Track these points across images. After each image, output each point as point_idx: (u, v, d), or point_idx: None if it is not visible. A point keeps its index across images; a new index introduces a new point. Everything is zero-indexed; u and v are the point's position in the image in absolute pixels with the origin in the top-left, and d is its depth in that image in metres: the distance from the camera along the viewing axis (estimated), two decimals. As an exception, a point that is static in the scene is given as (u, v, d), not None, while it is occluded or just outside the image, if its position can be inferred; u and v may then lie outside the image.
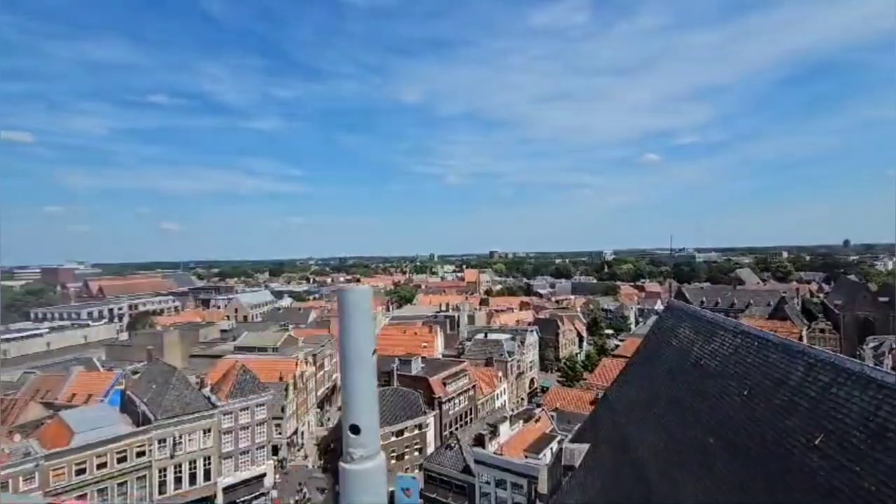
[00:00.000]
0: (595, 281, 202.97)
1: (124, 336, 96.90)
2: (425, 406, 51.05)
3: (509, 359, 68.41)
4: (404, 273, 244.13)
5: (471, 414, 57.54)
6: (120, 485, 40.63)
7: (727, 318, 14.81)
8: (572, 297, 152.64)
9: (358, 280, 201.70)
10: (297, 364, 61.46)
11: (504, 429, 42.45)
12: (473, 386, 58.66)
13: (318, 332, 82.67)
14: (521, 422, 45.89)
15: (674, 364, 15.23)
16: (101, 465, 39.68)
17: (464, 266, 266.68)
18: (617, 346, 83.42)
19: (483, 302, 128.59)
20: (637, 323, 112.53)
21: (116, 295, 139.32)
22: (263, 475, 49.43)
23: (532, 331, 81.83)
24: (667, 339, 17.13)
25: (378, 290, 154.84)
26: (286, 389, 56.82)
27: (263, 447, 49.96)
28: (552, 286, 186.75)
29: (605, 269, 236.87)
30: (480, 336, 74.63)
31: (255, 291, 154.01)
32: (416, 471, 47.59)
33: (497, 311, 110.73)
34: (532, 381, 78.65)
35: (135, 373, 57.81)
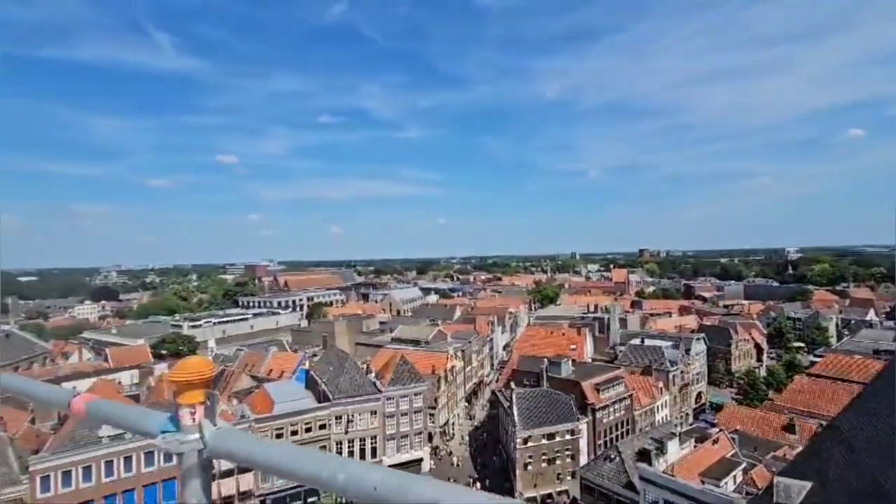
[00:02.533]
0: (776, 284, 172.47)
1: (304, 323, 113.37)
2: (577, 412, 48.68)
3: (671, 368, 61.54)
4: (545, 272, 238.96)
5: (627, 425, 53.23)
6: (307, 451, 47.21)
7: None
8: (745, 302, 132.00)
9: (499, 279, 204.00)
10: (447, 359, 64.20)
11: (672, 446, 38.13)
12: (630, 395, 54.17)
13: (463, 328, 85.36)
14: (692, 441, 40.69)
15: (962, 396, 11.40)
16: (293, 433, 46.58)
17: (610, 265, 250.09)
18: (813, 362, 68.94)
19: (634, 304, 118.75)
20: (840, 337, 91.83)
21: (297, 289, 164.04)
22: (420, 460, 52.65)
23: (699, 339, 72.47)
24: (940, 362, 13.01)
25: (520, 290, 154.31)
26: (438, 381, 59.72)
27: (420, 434, 53.20)
28: (718, 289, 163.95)
29: (790, 270, 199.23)
30: (636, 341, 68.67)
31: (406, 288, 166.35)
32: (570, 478, 45.76)
33: (652, 314, 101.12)
34: (699, 395, 69.67)
35: (314, 356, 66.95)
